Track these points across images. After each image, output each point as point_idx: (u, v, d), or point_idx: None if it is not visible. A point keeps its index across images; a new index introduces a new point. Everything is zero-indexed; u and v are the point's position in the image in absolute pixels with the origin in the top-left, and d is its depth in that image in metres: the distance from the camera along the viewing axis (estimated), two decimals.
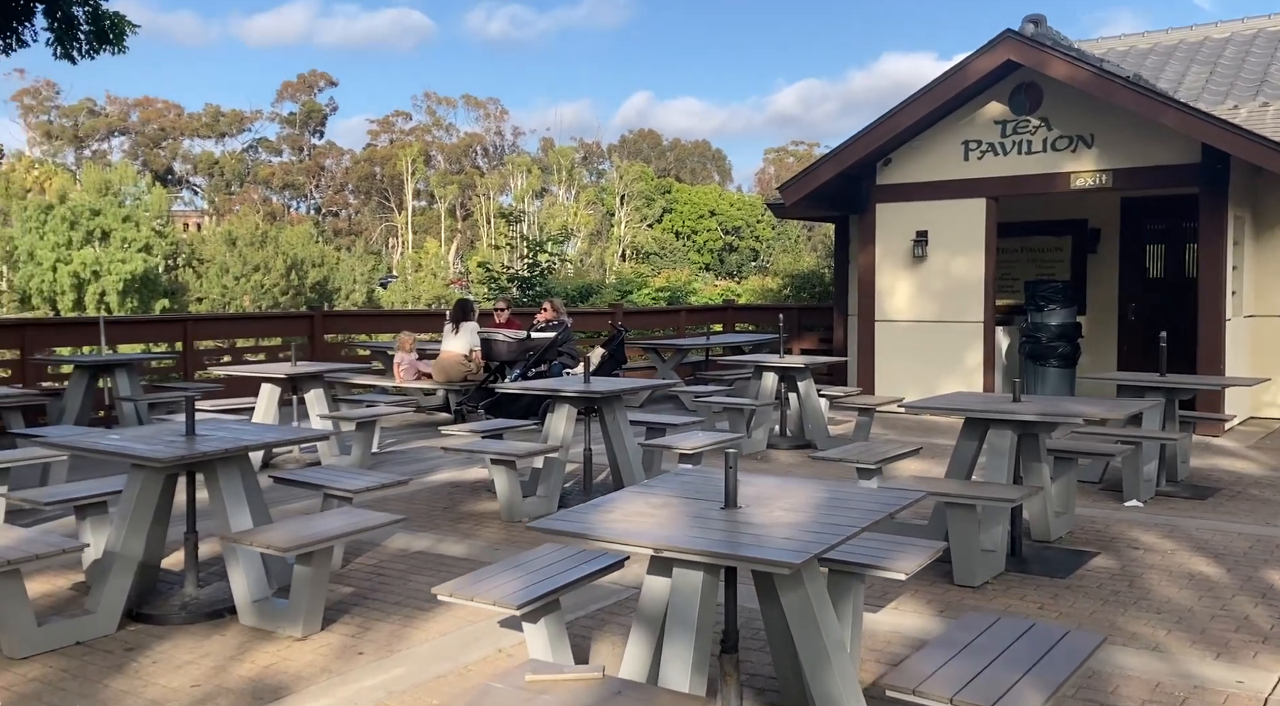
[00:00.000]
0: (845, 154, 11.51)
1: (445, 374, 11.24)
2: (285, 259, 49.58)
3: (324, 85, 77.15)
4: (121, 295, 43.45)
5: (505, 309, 12.47)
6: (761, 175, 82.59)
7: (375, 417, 8.78)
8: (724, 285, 25.88)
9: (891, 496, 3.77)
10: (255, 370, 9.01)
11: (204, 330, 12.25)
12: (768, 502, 3.78)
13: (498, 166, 71.17)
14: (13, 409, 9.55)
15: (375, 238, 68.09)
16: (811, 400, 9.81)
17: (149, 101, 76.30)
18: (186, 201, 76.03)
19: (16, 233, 43.34)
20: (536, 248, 16.46)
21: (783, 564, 3.05)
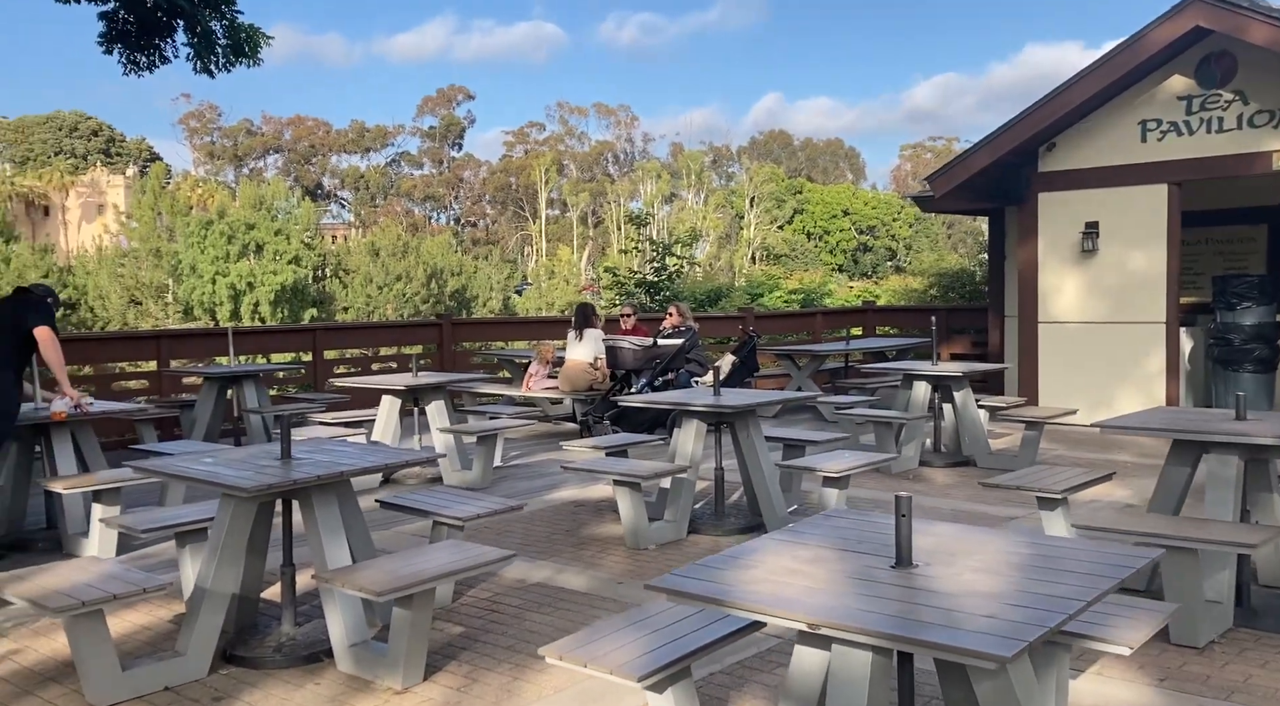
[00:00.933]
0: (1003, 139, 10.41)
1: (571, 383, 10.67)
2: (425, 268, 50.55)
3: (462, 99, 78.79)
4: (273, 305, 45.01)
5: (632, 315, 11.84)
6: (897, 172, 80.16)
7: (496, 431, 8.24)
8: (860, 286, 24.67)
9: (1118, 555, 2.88)
10: (375, 381, 8.60)
11: (333, 340, 12.04)
12: (951, 559, 2.95)
13: (628, 173, 71.13)
14: (145, 421, 9.43)
15: (511, 246, 68.97)
16: (969, 412, 8.80)
17: (300, 120, 79.39)
18: (334, 215, 78.76)
19: (180, 247, 45.42)
20: (664, 250, 15.76)
21: (988, 656, 2.25)
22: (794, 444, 7.30)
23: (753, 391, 7.34)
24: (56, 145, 70.58)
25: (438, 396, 8.53)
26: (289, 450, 4.81)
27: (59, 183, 62.72)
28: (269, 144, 78.16)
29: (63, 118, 71.96)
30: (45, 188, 63.20)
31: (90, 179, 64.30)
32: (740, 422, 6.64)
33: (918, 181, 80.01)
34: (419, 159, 78.02)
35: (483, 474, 8.18)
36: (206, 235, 46.32)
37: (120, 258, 47.82)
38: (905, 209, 71.12)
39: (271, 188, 54.08)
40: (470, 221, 75.42)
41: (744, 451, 6.69)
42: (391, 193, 75.84)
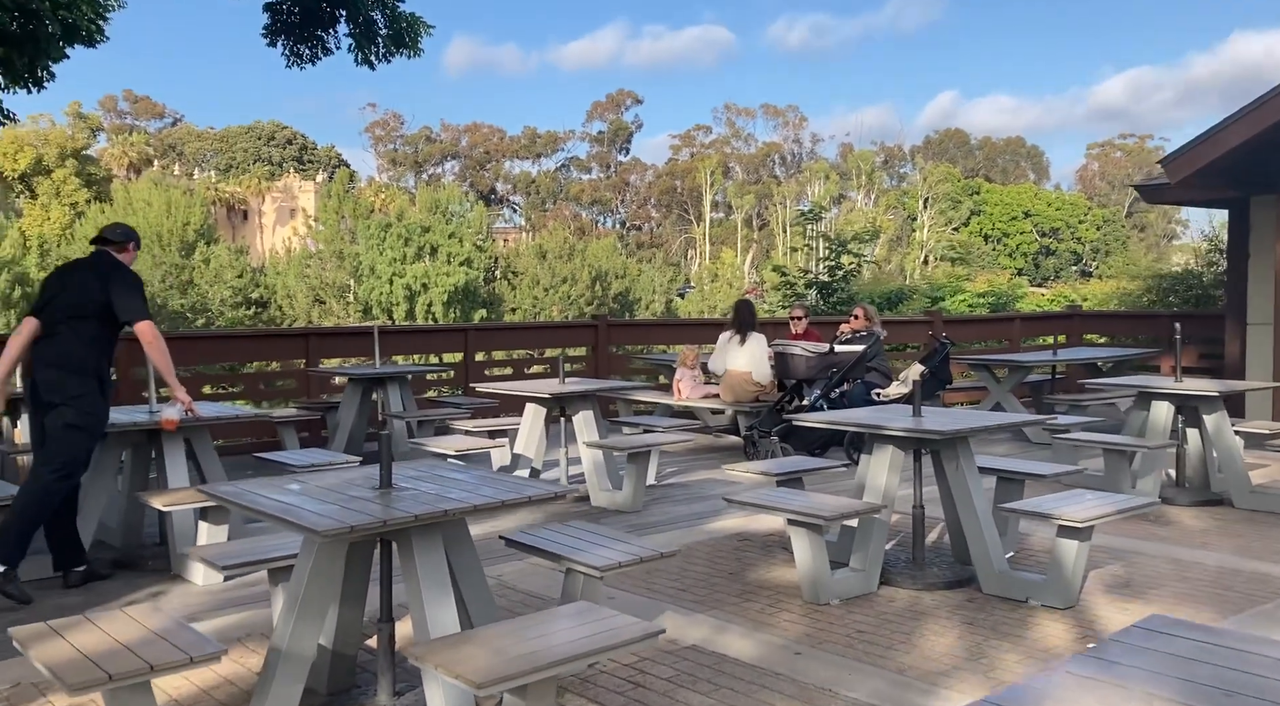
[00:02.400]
0: (1265, 111, 8.59)
1: (733, 394, 9.50)
2: (591, 271, 50.55)
3: (630, 103, 78.79)
4: (445, 305, 45.82)
5: (803, 317, 10.54)
6: (1084, 172, 75.16)
7: (650, 448, 7.15)
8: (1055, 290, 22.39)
9: None
10: (519, 387, 7.68)
11: (484, 341, 11.30)
12: None
13: (795, 174, 69.28)
14: (286, 424, 8.86)
15: (674, 249, 68.33)
16: (1225, 439, 7.11)
17: (476, 127, 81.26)
18: (506, 219, 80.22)
19: (361, 249, 46.81)
20: (840, 248, 14.29)
21: None
22: (1009, 477, 5.89)
23: (963, 412, 5.98)
24: (255, 153, 74.61)
25: (586, 406, 7.52)
26: (389, 477, 3.85)
27: (256, 188, 66.15)
28: (447, 150, 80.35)
29: (261, 127, 76.04)
30: (244, 193, 66.79)
31: (284, 185, 67.57)
32: (948, 451, 5.31)
33: (1106, 181, 74.64)
34: (587, 163, 78.52)
35: (634, 495, 7.11)
36: (385, 238, 47.59)
37: (306, 259, 49.72)
38: (1092, 210, 66.36)
39: (447, 192, 55.29)
40: (635, 225, 75.27)
41: (952, 486, 5.35)
42: (560, 197, 76.60)
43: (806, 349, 9.01)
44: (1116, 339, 12.98)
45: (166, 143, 74.36)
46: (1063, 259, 63.83)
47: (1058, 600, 4.91)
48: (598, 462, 7.35)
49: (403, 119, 78.31)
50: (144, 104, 77.11)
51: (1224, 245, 13.83)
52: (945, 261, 50.45)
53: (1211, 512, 7.01)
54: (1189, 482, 7.45)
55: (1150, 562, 5.74)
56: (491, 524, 6.31)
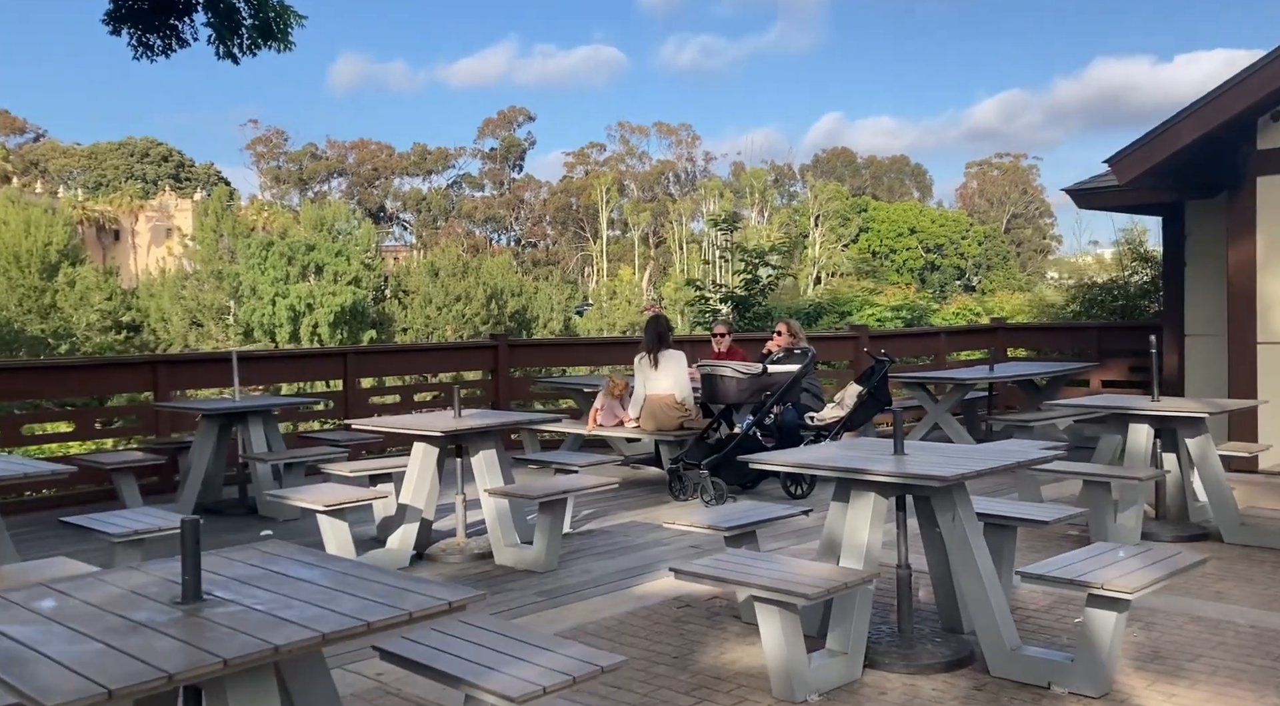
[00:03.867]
0: (1215, 108, 7.89)
1: (655, 421, 8.33)
2: (485, 289, 48.89)
3: (522, 120, 77.43)
4: (332, 326, 43.53)
5: (725, 334, 9.47)
6: (964, 190, 76.99)
7: (565, 495, 5.92)
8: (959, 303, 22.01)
9: None
10: (407, 423, 6.33)
11: (369, 365, 9.88)
12: None
13: (689, 192, 69.00)
14: (123, 471, 7.30)
15: (571, 267, 67.15)
16: (1211, 467, 6.28)
17: (364, 143, 78.68)
18: (397, 237, 77.69)
19: (242, 269, 44.19)
20: (757, 259, 13.30)
21: None
22: (999, 522, 4.86)
23: (953, 449, 4.91)
24: (128, 170, 70.48)
25: (486, 443, 6.23)
26: (198, 585, 2.53)
27: (128, 207, 62.30)
28: (333, 167, 77.53)
29: (134, 144, 71.92)
30: (115, 212, 62.83)
31: (159, 203, 63.85)
32: (942, 500, 4.23)
33: (985, 199, 76.61)
34: (480, 181, 76.77)
35: (546, 552, 5.86)
36: (267, 257, 45.05)
37: (182, 280, 46.74)
38: (974, 227, 67.89)
39: (332, 209, 52.87)
40: (531, 242, 73.84)
41: (949, 543, 4.28)
42: (453, 214, 74.62)
43: (737, 370, 7.91)
44: (1042, 352, 12.33)
45: (28, 159, 69.63)
46: (947, 274, 65.04)
47: (1089, 686, 3.88)
48: (502, 512, 6.08)
49: (286, 135, 75.16)
50: (2, 118, 72.15)
51: (1147, 254, 13.36)
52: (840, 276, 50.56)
53: (1203, 549, 6.14)
54: (1169, 514, 6.60)
55: (1170, 622, 4.78)
56: None
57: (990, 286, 59.92)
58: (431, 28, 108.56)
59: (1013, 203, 76.05)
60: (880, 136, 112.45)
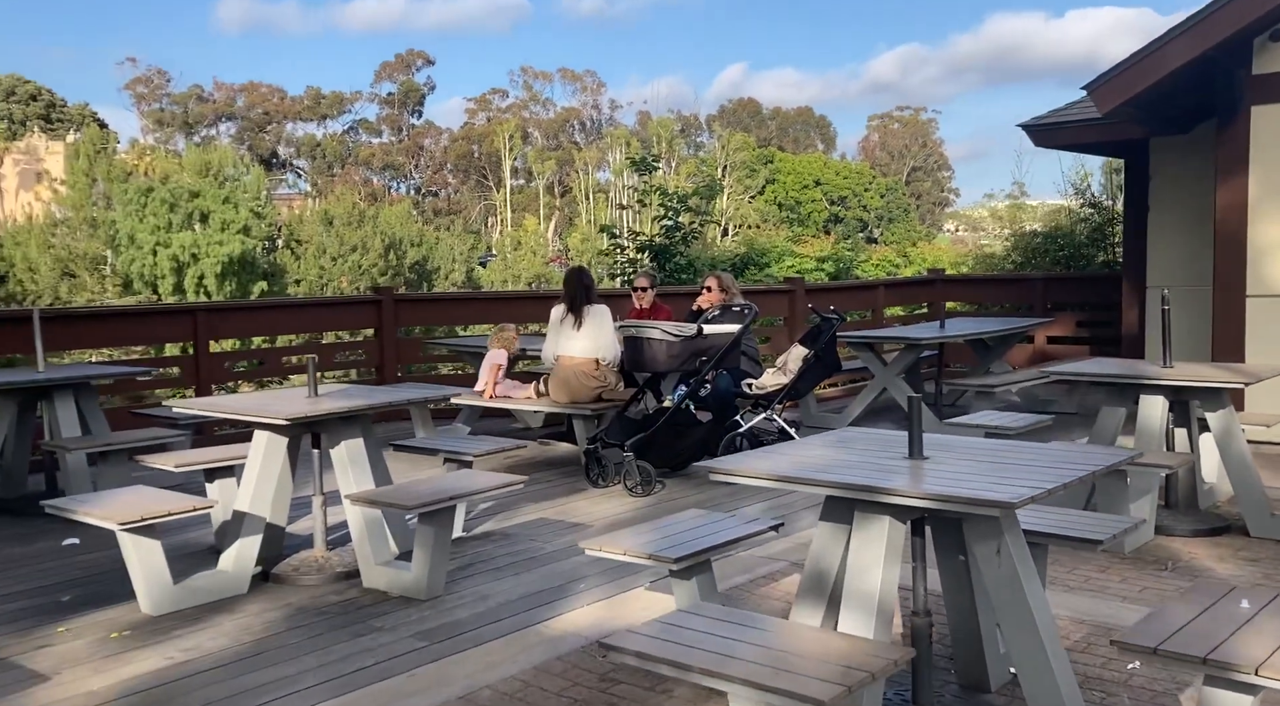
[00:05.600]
0: (1210, 25, 6.74)
1: (568, 391, 6.93)
2: (383, 239, 46.38)
3: (421, 64, 73.91)
4: (219, 278, 40.65)
5: (648, 288, 8.08)
6: (866, 143, 76.75)
7: (454, 500, 4.47)
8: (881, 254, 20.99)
9: None
10: (241, 407, 4.72)
11: (224, 325, 8.16)
12: None
13: (595, 141, 67.01)
14: None
15: (474, 216, 64.70)
16: (1236, 447, 5.19)
17: (254, 87, 74.17)
18: (290, 185, 73.78)
19: (119, 216, 40.81)
20: (679, 204, 11.77)
21: None
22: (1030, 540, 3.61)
23: (987, 448, 3.51)
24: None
25: (350, 431, 4.73)
26: None
27: None
28: (221, 111, 72.92)
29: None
30: None
31: (26, 145, 58.93)
32: (984, 529, 2.94)
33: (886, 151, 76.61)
34: (377, 127, 73.20)
35: (429, 575, 4.43)
36: (146, 203, 41.66)
37: (52, 227, 43.02)
38: (876, 179, 67.74)
39: (219, 153, 49.36)
40: (432, 191, 70.92)
41: (993, 584, 3.00)
42: (349, 161, 71.11)
43: (667, 331, 6.54)
44: (983, 307, 11.30)
45: None
46: (850, 226, 64.82)
47: None
48: (371, 520, 4.61)
49: (169, 76, 70.16)
50: None
51: (1095, 199, 12.42)
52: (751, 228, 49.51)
53: (1229, 547, 5.07)
54: (1179, 500, 5.51)
55: None
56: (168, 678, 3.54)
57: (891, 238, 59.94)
58: None
59: (912, 156, 76.27)
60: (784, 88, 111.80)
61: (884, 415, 8.88)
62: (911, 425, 3.21)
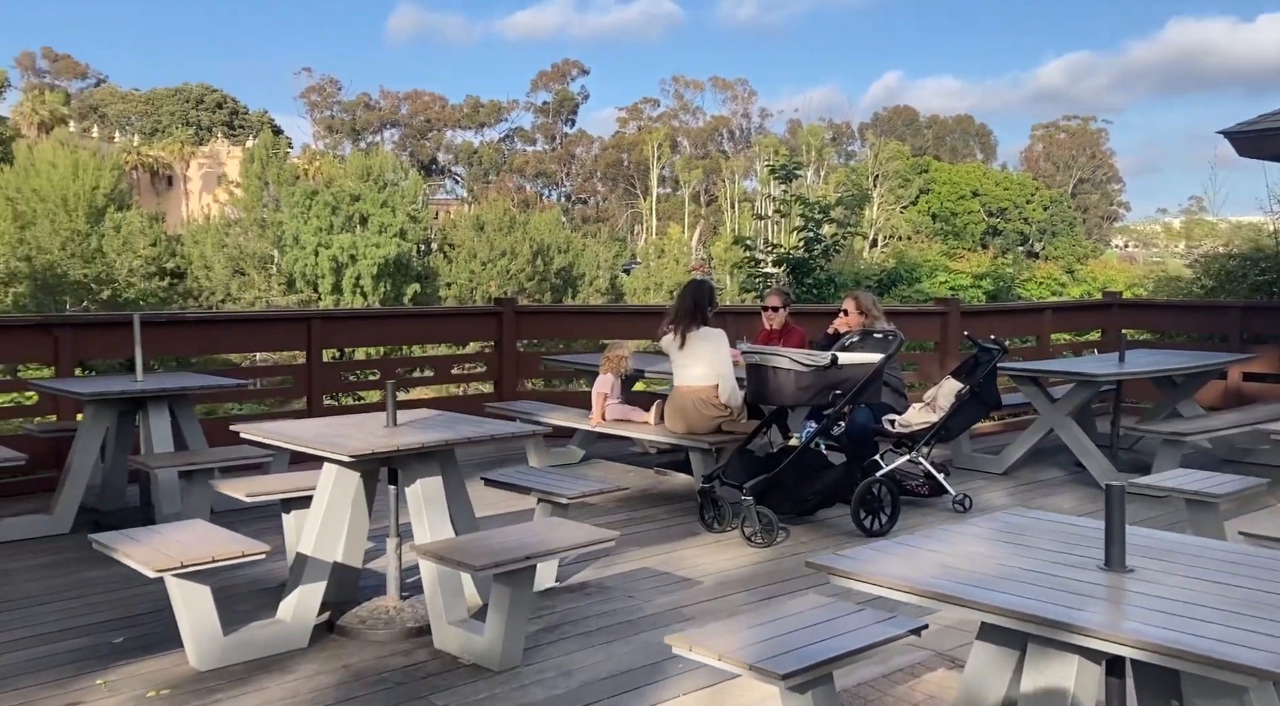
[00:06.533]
0: None
1: (685, 420, 6.22)
2: (532, 244, 47.01)
3: (576, 74, 74.93)
4: (375, 279, 41.99)
5: (781, 308, 7.28)
6: (1029, 153, 73.01)
7: (529, 562, 3.82)
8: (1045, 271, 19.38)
9: None
10: (305, 437, 4.20)
11: (340, 334, 7.86)
12: None
13: (744, 149, 66.19)
14: None
15: (620, 224, 64.93)
16: None
17: (417, 94, 76.86)
18: (448, 190, 76.05)
19: (286, 217, 42.68)
20: (821, 214, 10.83)
21: None
22: None
23: (1220, 551, 2.61)
24: (183, 117, 69.37)
25: (427, 468, 4.16)
26: None
27: (181, 153, 61.18)
28: (386, 118, 75.86)
29: (190, 90, 70.73)
30: (169, 158, 61.81)
31: (210, 150, 62.67)
32: (1208, 688, 2.06)
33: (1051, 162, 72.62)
34: (532, 135, 74.58)
35: (504, 642, 3.80)
36: (311, 206, 43.47)
37: (226, 227, 45.43)
38: (1039, 191, 64.21)
39: (379, 159, 51.09)
40: (581, 198, 71.67)
41: None
42: (504, 168, 72.68)
43: (798, 360, 5.73)
44: (1166, 335, 9.95)
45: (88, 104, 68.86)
46: (1009, 239, 61.63)
47: None
48: (444, 573, 4.02)
49: (340, 84, 73.45)
50: (65, 63, 71.37)
51: None
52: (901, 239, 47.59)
53: None
54: None
55: None
56: None
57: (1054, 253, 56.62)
58: None
59: (1080, 167, 72.07)
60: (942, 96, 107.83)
61: (1050, 459, 7.79)
62: (1111, 525, 2.35)
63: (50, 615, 4.29)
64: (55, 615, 4.30)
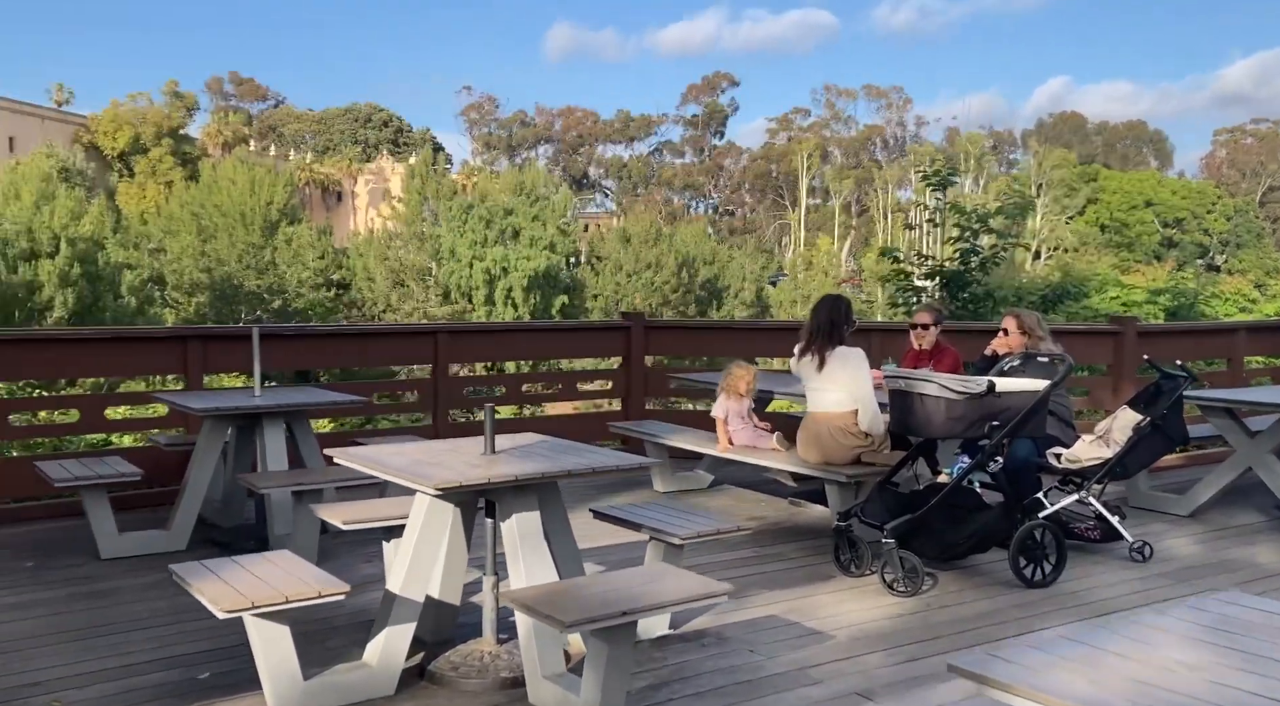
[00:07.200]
0: None
1: (820, 449, 5.65)
2: (677, 256, 46.95)
3: (726, 86, 74.63)
4: (525, 290, 42.76)
5: (932, 325, 6.58)
6: (1210, 160, 67.93)
7: (627, 618, 3.35)
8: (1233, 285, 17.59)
9: None
10: (392, 463, 3.85)
11: (464, 348, 7.64)
12: None
13: (897, 159, 64.19)
14: (94, 488, 5.34)
15: (768, 235, 64.09)
16: None
17: (570, 111, 78.34)
18: (598, 204, 77.07)
19: (443, 231, 44.06)
20: (979, 224, 9.96)
21: None
22: None
23: None
24: (352, 135, 72.94)
25: (524, 503, 3.77)
26: None
27: (348, 170, 64.29)
28: (540, 134, 77.61)
29: (358, 110, 74.31)
30: (338, 175, 65.05)
31: (376, 166, 65.59)
32: None
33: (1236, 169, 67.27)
34: (681, 147, 74.72)
35: (602, 700, 3.35)
36: (466, 220, 44.76)
37: (388, 240, 47.29)
38: (1221, 200, 59.53)
39: (532, 174, 52.19)
40: (728, 210, 71.20)
41: None
42: (652, 181, 73.08)
43: (949, 386, 5.07)
44: None
45: (267, 124, 73.31)
46: (1187, 251, 57.33)
47: None
48: (539, 623, 3.60)
49: (497, 102, 75.63)
50: (249, 86, 76.25)
51: None
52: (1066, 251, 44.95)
53: None
54: None
55: None
56: None
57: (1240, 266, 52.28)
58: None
59: (1270, 174, 66.47)
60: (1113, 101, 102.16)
61: (1246, 500, 6.77)
62: None
63: (144, 642, 4.13)
64: (149, 643, 4.13)
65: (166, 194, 50.82)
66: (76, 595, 4.72)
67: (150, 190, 53.22)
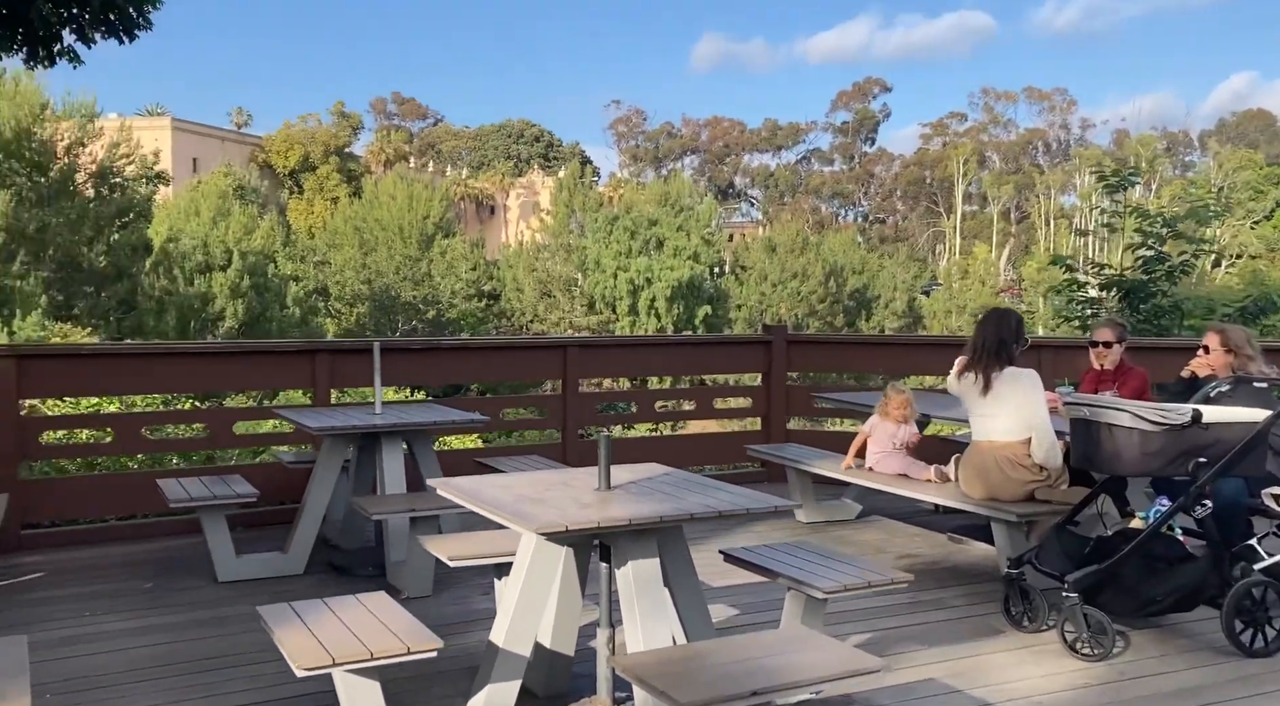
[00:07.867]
0: None
1: (985, 483, 4.94)
2: (825, 266, 45.85)
3: (878, 92, 72.68)
4: (669, 301, 42.60)
5: (1115, 343, 5.74)
6: None
7: (755, 700, 2.80)
8: None
9: None
10: (495, 499, 3.43)
11: (594, 363, 7.22)
12: None
13: (1060, 163, 60.80)
14: (211, 509, 5.18)
15: (921, 244, 61.82)
16: None
17: (716, 121, 77.99)
18: (744, 213, 76.38)
19: (589, 242, 44.47)
20: (1166, 228, 8.79)
21: None
22: None
23: None
24: (505, 151, 74.84)
25: (642, 548, 3.28)
26: None
27: (500, 184, 65.92)
28: (686, 145, 77.60)
29: (511, 126, 76.20)
30: (491, 189, 66.80)
31: (527, 180, 67.01)
32: None
33: None
34: (829, 155, 73.15)
35: None
36: (612, 231, 45.03)
37: (537, 252, 48.12)
38: None
39: (676, 184, 52.05)
40: (879, 218, 69.14)
41: None
42: (800, 190, 71.84)
43: (1144, 416, 4.29)
44: None
45: (427, 141, 76.12)
46: None
47: None
48: None
49: (645, 115, 76.09)
50: (410, 106, 79.40)
51: None
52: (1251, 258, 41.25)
53: None
54: None
55: None
56: None
57: None
58: (794, 3, 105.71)
59: None
60: None
61: None
62: None
63: (240, 683, 3.86)
64: (245, 684, 3.85)
65: (332, 209, 53.41)
66: (188, 623, 4.54)
67: (318, 206, 55.97)
